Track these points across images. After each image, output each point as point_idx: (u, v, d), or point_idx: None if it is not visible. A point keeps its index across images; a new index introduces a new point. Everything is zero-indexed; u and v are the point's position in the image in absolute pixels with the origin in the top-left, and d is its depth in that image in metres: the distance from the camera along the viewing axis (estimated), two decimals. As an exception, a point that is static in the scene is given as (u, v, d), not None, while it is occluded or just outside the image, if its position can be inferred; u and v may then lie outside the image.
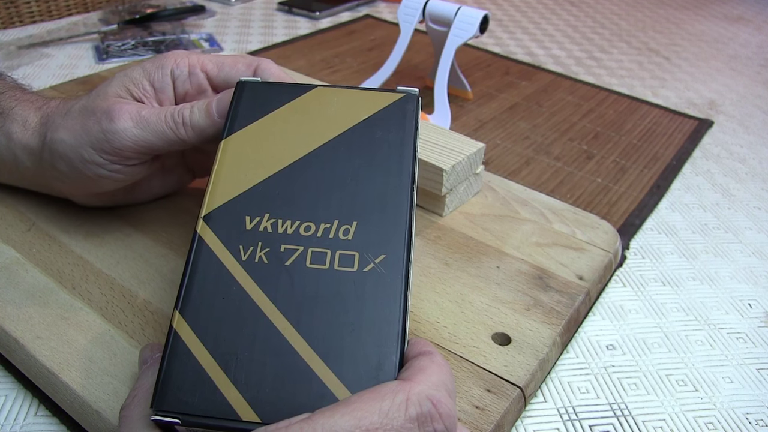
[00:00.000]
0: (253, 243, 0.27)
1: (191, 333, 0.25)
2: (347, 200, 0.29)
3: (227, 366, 0.24)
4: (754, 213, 0.54)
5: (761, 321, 0.42)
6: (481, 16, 0.59)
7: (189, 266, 0.27)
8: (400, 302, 0.26)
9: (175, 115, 0.34)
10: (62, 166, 0.35)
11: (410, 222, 0.28)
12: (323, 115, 0.32)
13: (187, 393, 0.24)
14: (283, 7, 0.96)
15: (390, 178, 0.29)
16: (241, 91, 0.33)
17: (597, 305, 0.42)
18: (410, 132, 0.31)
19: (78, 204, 0.41)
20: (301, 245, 0.27)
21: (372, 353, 0.25)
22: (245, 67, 0.36)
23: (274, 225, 0.28)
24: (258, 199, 0.29)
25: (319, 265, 0.27)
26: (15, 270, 0.37)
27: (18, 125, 0.37)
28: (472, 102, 0.69)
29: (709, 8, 1.15)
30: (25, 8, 0.82)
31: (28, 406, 0.32)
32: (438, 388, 0.22)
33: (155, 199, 0.43)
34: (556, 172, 0.57)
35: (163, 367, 0.24)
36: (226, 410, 0.24)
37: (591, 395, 0.36)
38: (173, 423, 0.24)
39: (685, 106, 0.73)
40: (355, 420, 0.20)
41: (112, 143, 0.34)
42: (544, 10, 1.08)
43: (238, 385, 0.24)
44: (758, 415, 0.35)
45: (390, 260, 0.27)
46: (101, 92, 0.35)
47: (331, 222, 0.28)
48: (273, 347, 0.25)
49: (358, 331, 0.25)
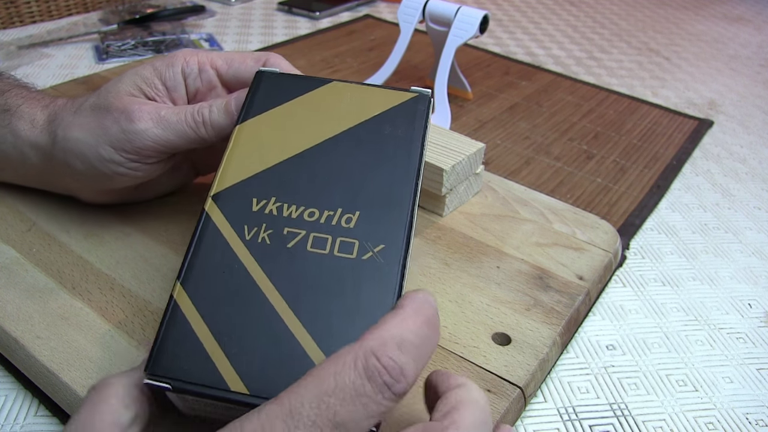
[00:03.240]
0: (257, 224, 0.28)
1: (190, 304, 0.26)
2: (352, 191, 0.29)
3: (222, 338, 0.25)
4: (754, 213, 0.54)
5: (761, 321, 0.42)
6: (481, 16, 0.59)
7: (194, 241, 0.28)
8: (394, 292, 0.26)
9: (195, 114, 0.34)
10: (78, 164, 0.35)
11: (411, 217, 0.29)
12: (336, 109, 0.32)
13: (180, 360, 0.25)
14: (283, 7, 0.96)
15: (396, 174, 0.30)
16: (259, 80, 0.34)
17: (597, 305, 0.42)
18: (419, 131, 0.32)
19: (81, 202, 0.41)
20: (303, 229, 0.28)
21: None
22: (254, 62, 0.37)
23: (280, 208, 0.29)
24: (266, 183, 0.30)
25: (320, 250, 0.27)
26: (15, 270, 0.37)
27: (25, 123, 0.37)
28: (472, 102, 0.69)
29: (709, 8, 1.15)
30: (25, 8, 0.82)
31: (28, 406, 0.32)
32: (387, 343, 0.21)
33: (160, 197, 0.43)
34: (556, 172, 0.57)
35: (160, 334, 0.25)
36: (217, 380, 0.24)
37: (591, 395, 0.36)
38: (164, 388, 0.24)
39: (685, 106, 0.73)
40: (316, 388, 0.20)
41: (134, 143, 0.34)
42: (544, 10, 1.08)
43: (230, 358, 0.25)
44: (758, 415, 0.35)
45: (388, 251, 0.28)
46: (112, 90, 0.35)
47: (335, 210, 0.29)
48: (268, 324, 0.26)
49: (351, 315, 0.26)
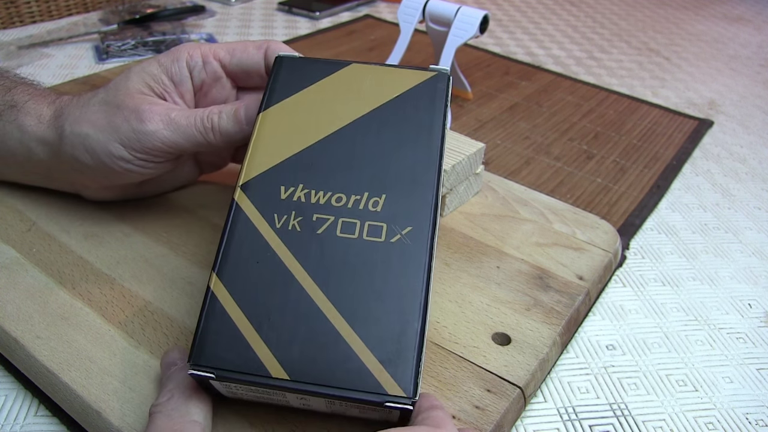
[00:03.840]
0: (287, 212, 0.29)
1: (227, 294, 0.27)
2: (377, 174, 0.30)
3: (260, 326, 0.26)
4: (754, 213, 0.54)
5: (761, 321, 0.42)
6: (481, 16, 0.59)
7: (226, 232, 0.28)
8: (423, 273, 0.27)
9: (204, 119, 0.35)
10: (86, 159, 0.36)
11: (437, 197, 0.29)
12: (357, 91, 0.33)
13: (222, 350, 0.25)
14: (283, 7, 0.96)
15: (419, 154, 0.30)
16: (279, 66, 0.34)
17: (597, 305, 0.42)
18: (440, 110, 0.32)
19: (82, 202, 0.41)
20: (332, 215, 0.29)
21: (395, 320, 0.26)
22: (255, 49, 0.37)
23: (308, 195, 0.29)
24: (293, 170, 0.30)
25: (349, 235, 0.28)
26: (15, 270, 0.37)
27: (32, 118, 0.37)
28: (472, 102, 0.69)
29: (709, 8, 1.15)
30: (25, 8, 0.82)
31: (28, 406, 0.32)
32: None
33: (163, 193, 0.44)
34: (556, 172, 0.57)
35: (200, 326, 0.26)
36: (258, 367, 0.25)
37: (591, 395, 0.36)
38: (208, 377, 0.25)
39: (685, 106, 0.73)
40: None
41: (143, 143, 0.34)
42: (544, 10, 1.08)
43: (269, 344, 0.26)
44: (758, 415, 0.35)
45: (416, 232, 0.28)
46: (122, 88, 0.35)
47: (361, 194, 0.29)
48: (303, 310, 0.26)
49: (383, 298, 0.27)
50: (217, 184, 0.46)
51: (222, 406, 0.29)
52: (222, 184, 0.46)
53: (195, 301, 0.35)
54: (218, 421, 0.28)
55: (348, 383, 0.25)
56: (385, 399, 0.25)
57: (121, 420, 0.29)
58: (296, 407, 0.28)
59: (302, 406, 0.27)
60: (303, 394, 0.25)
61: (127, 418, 0.29)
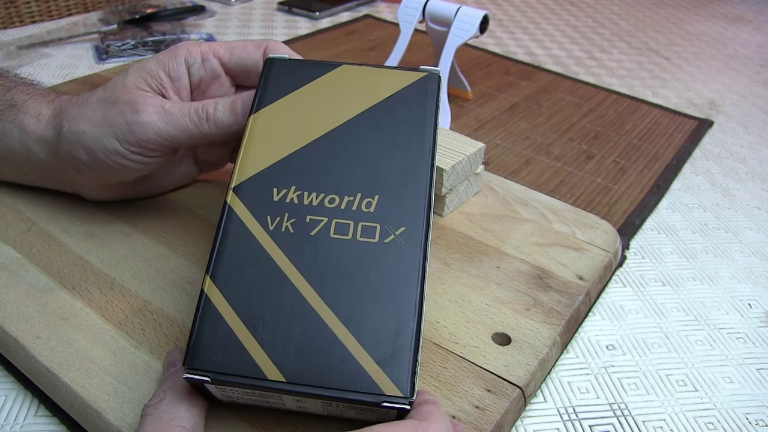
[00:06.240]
0: (280, 213, 0.29)
1: (221, 297, 0.27)
2: (370, 174, 0.30)
3: (255, 328, 0.26)
4: (754, 213, 0.54)
5: (761, 321, 0.42)
6: (480, 16, 0.59)
7: (219, 234, 0.28)
8: (418, 272, 0.27)
9: (199, 110, 0.35)
10: (82, 156, 0.36)
11: (429, 197, 0.29)
12: (348, 93, 0.33)
13: (217, 353, 0.25)
14: (283, 7, 0.96)
15: (411, 154, 0.30)
16: (269, 67, 0.34)
17: (597, 305, 0.42)
18: (431, 110, 0.32)
19: (82, 202, 0.41)
20: (325, 216, 0.29)
21: (391, 320, 0.26)
22: (255, 48, 0.37)
23: (300, 197, 0.29)
24: (285, 172, 0.30)
25: (343, 236, 0.28)
26: (15, 270, 0.37)
27: (31, 118, 0.37)
28: (472, 102, 0.69)
29: (709, 8, 1.15)
30: (25, 8, 0.82)
31: (28, 406, 0.32)
32: (448, 430, 0.25)
33: (162, 193, 0.43)
34: (556, 172, 0.57)
35: (195, 329, 0.26)
36: (254, 370, 0.25)
37: (591, 395, 0.36)
38: (203, 381, 0.25)
39: (685, 106, 0.73)
40: None
41: (137, 135, 0.34)
42: (544, 10, 1.08)
43: (264, 347, 0.25)
44: (758, 415, 0.35)
45: (410, 232, 0.28)
46: (119, 84, 0.36)
47: (354, 195, 0.29)
48: (298, 312, 0.26)
49: (378, 298, 0.26)
50: (217, 184, 0.46)
51: (221, 407, 0.29)
52: (222, 185, 0.46)
53: (195, 301, 0.35)
54: (217, 422, 0.28)
55: (344, 384, 0.25)
56: (382, 399, 0.25)
57: (121, 420, 0.29)
58: (292, 410, 0.28)
59: (299, 409, 0.27)
60: (299, 396, 0.25)
61: (127, 418, 0.29)
